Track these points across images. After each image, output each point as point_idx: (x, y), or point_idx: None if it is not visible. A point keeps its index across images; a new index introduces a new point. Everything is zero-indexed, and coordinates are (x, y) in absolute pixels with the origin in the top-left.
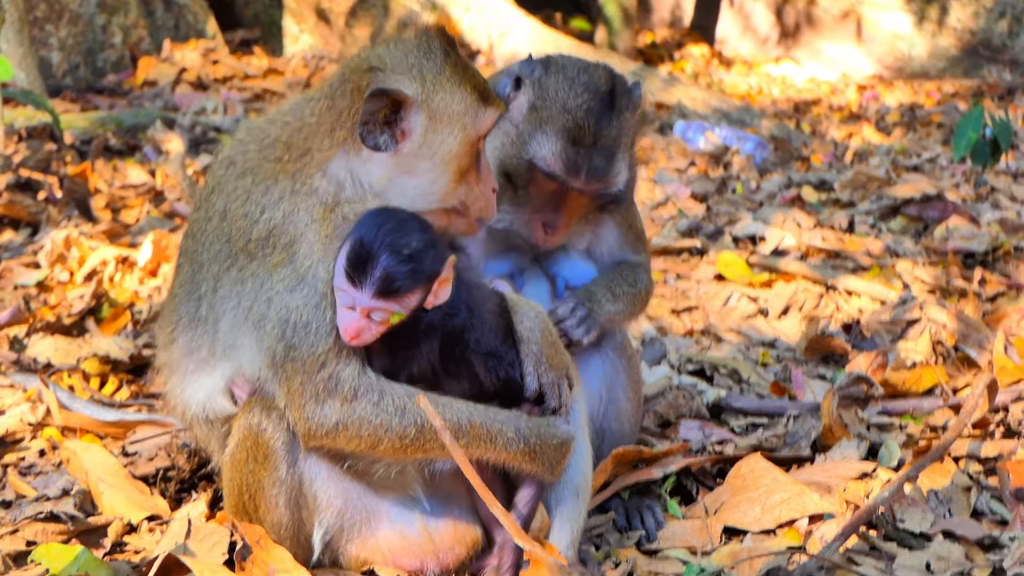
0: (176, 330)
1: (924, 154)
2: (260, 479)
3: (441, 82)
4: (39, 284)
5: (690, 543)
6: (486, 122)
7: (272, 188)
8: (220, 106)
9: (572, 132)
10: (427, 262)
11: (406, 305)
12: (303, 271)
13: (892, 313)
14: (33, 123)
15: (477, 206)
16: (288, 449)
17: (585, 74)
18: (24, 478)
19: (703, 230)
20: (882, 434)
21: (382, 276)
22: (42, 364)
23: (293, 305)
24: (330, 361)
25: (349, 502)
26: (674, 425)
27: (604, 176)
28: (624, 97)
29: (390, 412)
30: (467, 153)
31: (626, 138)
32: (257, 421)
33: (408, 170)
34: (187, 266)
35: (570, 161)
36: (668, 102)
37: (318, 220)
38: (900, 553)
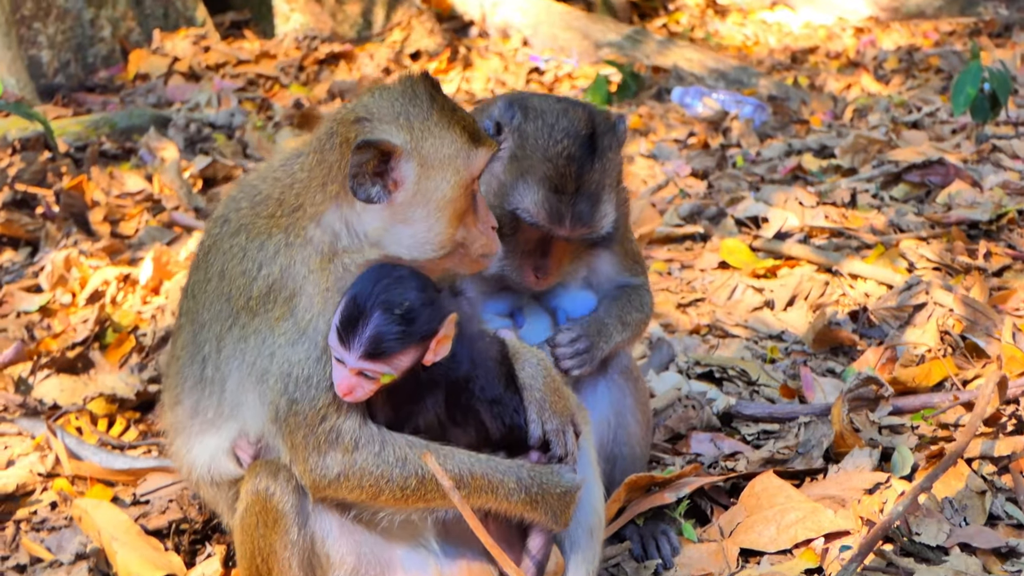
0: (181, 392)
1: (924, 108)
2: (272, 543)
3: (429, 128)
4: (41, 309)
5: (707, 569)
6: (478, 163)
7: (267, 243)
8: (214, 98)
9: (554, 180)
10: (420, 323)
11: (396, 366)
12: (304, 324)
13: (898, 298)
14: (27, 133)
15: (478, 245)
16: (297, 511)
17: (564, 119)
18: (38, 534)
19: (705, 213)
20: (894, 437)
21: (370, 337)
22: (48, 406)
23: (295, 359)
24: (331, 414)
25: (362, 557)
26: (685, 438)
27: (589, 222)
28: (606, 137)
29: (391, 463)
30: (462, 196)
31: (610, 178)
32: (265, 486)
33: (403, 219)
34: (188, 327)
35: (553, 210)
36: (664, 65)
37: (316, 271)
38: (918, 569)
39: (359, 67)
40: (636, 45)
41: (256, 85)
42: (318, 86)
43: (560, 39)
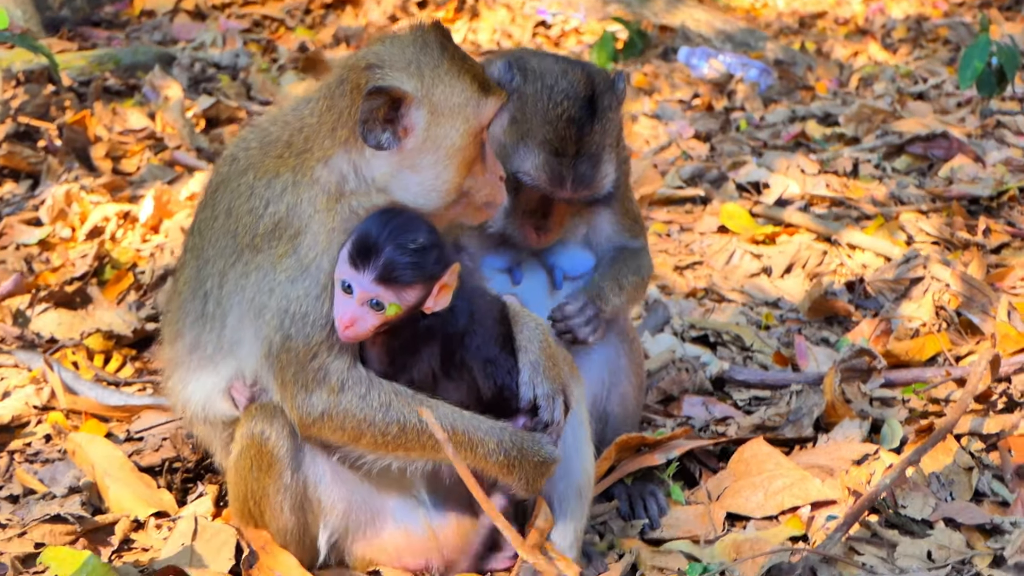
0: (182, 327)
1: (930, 79)
2: (265, 486)
3: (440, 76)
4: (41, 242)
5: (693, 531)
6: (488, 112)
7: (274, 182)
8: (219, 38)
9: (554, 144)
10: (430, 260)
11: (404, 299)
12: (307, 262)
13: (896, 271)
14: (31, 66)
15: (483, 193)
16: (292, 455)
17: (564, 80)
18: (31, 466)
19: (706, 176)
20: (884, 410)
21: (385, 263)
22: (45, 339)
23: (294, 295)
24: (322, 352)
25: (353, 504)
26: (677, 401)
27: (590, 183)
28: (605, 97)
29: (374, 407)
30: (471, 145)
31: (611, 137)
32: (260, 429)
33: (412, 166)
34: (192, 262)
35: (554, 173)
36: (672, 24)
37: (322, 211)
38: (901, 541)
39: (365, 13)
40: (644, 3)
41: (261, 27)
42: (324, 30)
43: None
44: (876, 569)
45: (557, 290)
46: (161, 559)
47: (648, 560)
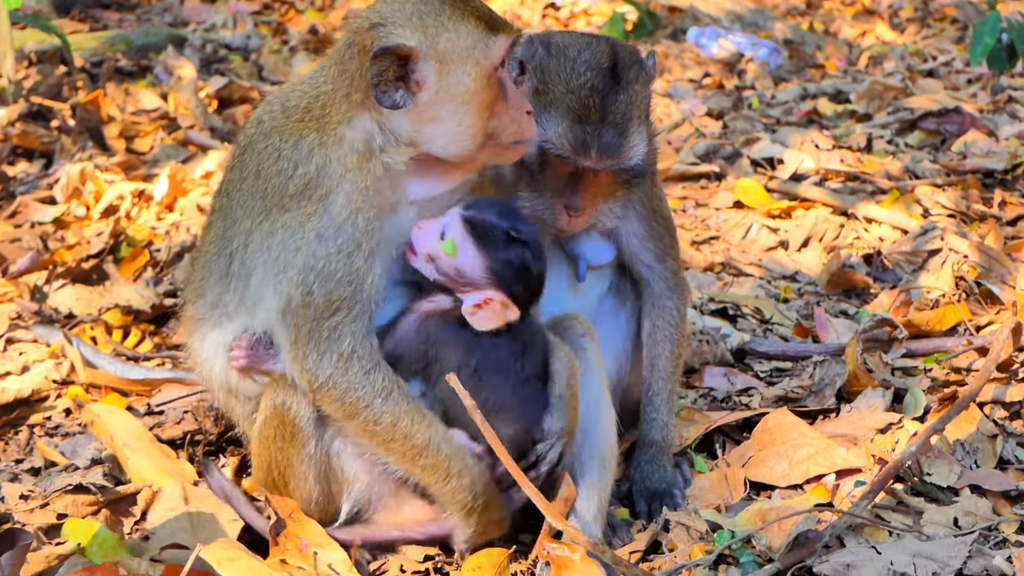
0: (205, 285)
1: (940, 57)
2: (289, 456)
3: (443, 23)
4: (56, 220)
5: (718, 500)
6: (498, 49)
7: (301, 143)
8: (230, 20)
9: (577, 111)
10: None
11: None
12: (339, 221)
13: (913, 243)
14: (43, 46)
15: (510, 131)
16: (315, 425)
17: (587, 51)
18: (51, 440)
19: (720, 152)
20: (907, 379)
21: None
22: (63, 315)
23: (322, 253)
24: (342, 310)
25: (376, 475)
26: (699, 373)
27: (617, 152)
28: (631, 70)
29: (376, 389)
30: (487, 86)
31: (638, 110)
32: (283, 400)
33: (432, 118)
34: (220, 222)
35: (578, 140)
36: (681, 5)
37: (353, 169)
38: (928, 508)
39: None
40: None
41: (271, 9)
42: (333, 12)
43: None
44: (903, 536)
45: (580, 282)
46: (156, 526)
47: (675, 519)
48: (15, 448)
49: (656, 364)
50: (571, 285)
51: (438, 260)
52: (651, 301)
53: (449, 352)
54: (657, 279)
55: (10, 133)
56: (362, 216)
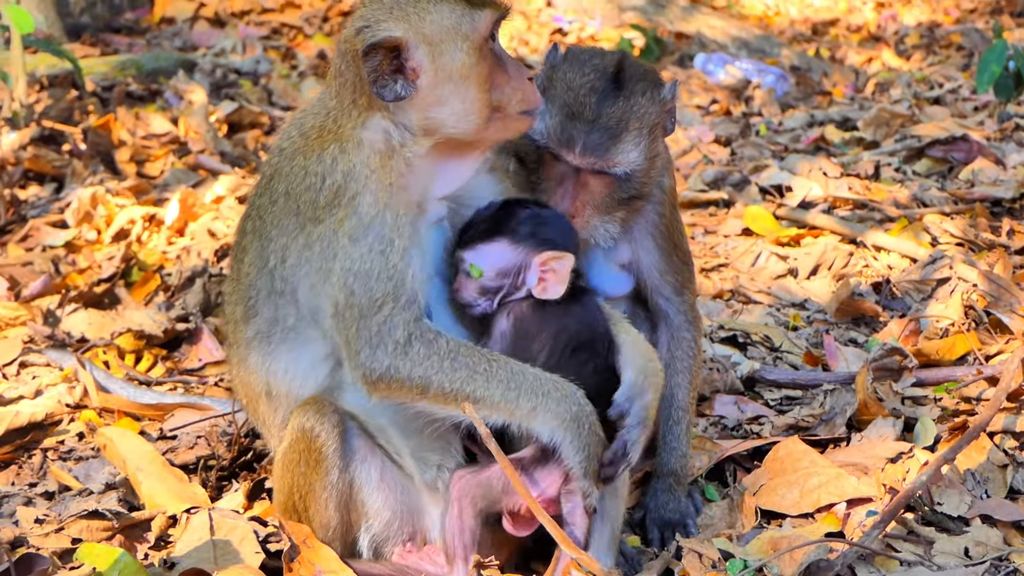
0: (256, 302)
1: (946, 84)
2: (311, 481)
3: (423, 8)
4: (67, 244)
5: (729, 528)
6: (484, 22)
7: (323, 156)
8: (239, 44)
9: (571, 107)
10: (514, 224)
11: (484, 258)
12: (368, 220)
13: (922, 272)
14: (55, 70)
15: (515, 101)
16: (340, 454)
17: (597, 58)
18: (65, 464)
19: (729, 179)
20: (917, 408)
21: (468, 224)
22: (76, 339)
23: (356, 254)
24: (387, 304)
25: (397, 513)
26: (709, 400)
27: (602, 153)
28: (638, 82)
29: (442, 354)
30: (480, 58)
31: (639, 122)
32: (311, 425)
33: (437, 100)
34: (256, 243)
35: (565, 134)
36: (688, 31)
37: (377, 170)
38: (938, 538)
39: None
40: (660, 10)
41: (280, 34)
42: None
43: (584, 1)
44: (914, 566)
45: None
46: (180, 555)
47: (687, 546)
48: (29, 472)
49: (676, 395)
50: None
51: (485, 285)
52: (670, 332)
53: (541, 341)
54: (676, 312)
55: (22, 157)
56: (390, 212)
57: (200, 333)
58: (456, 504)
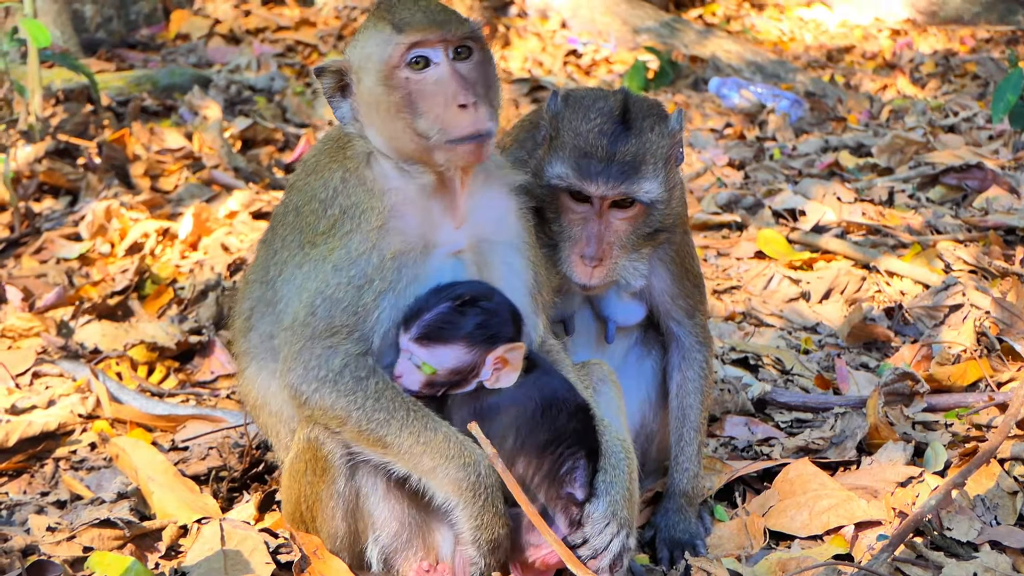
0: (252, 317)
1: (961, 113)
2: (318, 491)
3: (363, 34)
4: (81, 257)
5: (737, 549)
6: (392, 49)
7: (329, 182)
8: (254, 61)
9: (584, 149)
10: (471, 324)
11: (437, 358)
12: (355, 256)
13: (934, 298)
14: (71, 85)
15: (437, 128)
16: (346, 463)
17: (601, 101)
18: (76, 473)
19: (742, 203)
20: (928, 433)
21: (422, 322)
22: (89, 350)
23: (334, 282)
24: (339, 333)
25: (405, 525)
26: (719, 421)
27: (625, 180)
28: (645, 119)
29: (368, 392)
30: (388, 87)
31: (653, 157)
32: (316, 435)
33: (370, 123)
34: (263, 252)
35: (584, 169)
36: (702, 55)
37: (368, 211)
38: (947, 563)
39: None
40: (674, 33)
41: (294, 51)
42: None
43: (598, 23)
44: None
45: (608, 343)
46: (190, 564)
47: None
48: (41, 481)
49: (687, 416)
50: (599, 345)
51: (435, 380)
52: (681, 354)
53: (509, 417)
54: (687, 334)
55: (37, 170)
56: (377, 254)
57: (212, 346)
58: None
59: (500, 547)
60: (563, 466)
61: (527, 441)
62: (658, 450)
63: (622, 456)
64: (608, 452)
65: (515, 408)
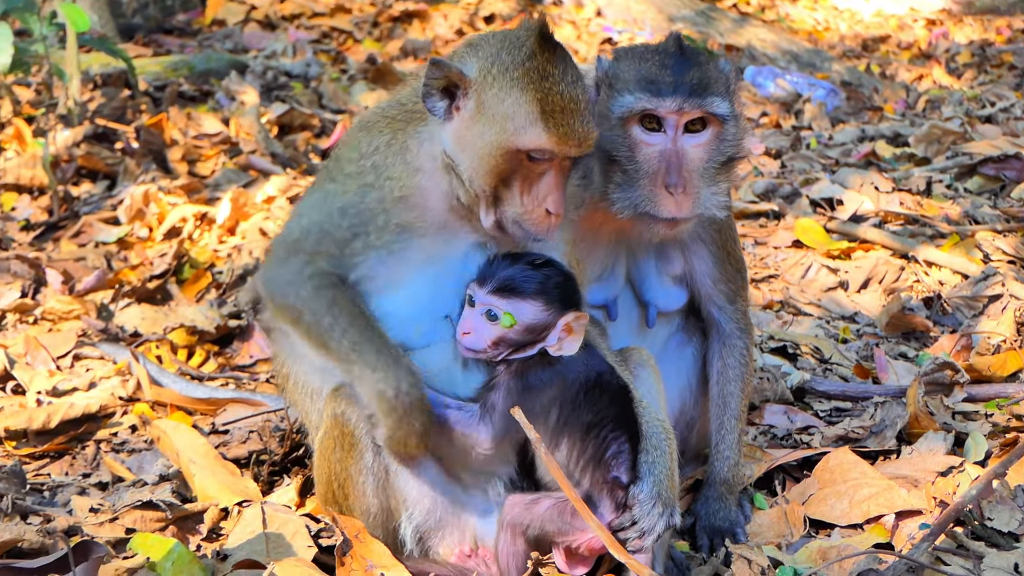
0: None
1: (998, 103)
2: (347, 466)
3: (503, 78)
4: (119, 241)
5: (777, 537)
6: (529, 139)
7: (374, 140)
8: (290, 48)
9: (650, 77)
10: (552, 284)
11: (519, 311)
12: (364, 209)
13: (973, 288)
14: (108, 69)
15: (517, 211)
16: (369, 434)
17: (653, 45)
18: (118, 455)
19: (779, 192)
20: (968, 423)
21: (505, 274)
22: (129, 333)
23: (336, 221)
24: (320, 256)
25: (438, 503)
26: (758, 410)
27: (701, 92)
28: (700, 55)
29: (322, 299)
30: (504, 159)
31: (716, 80)
32: (342, 410)
33: (459, 145)
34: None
35: (656, 90)
36: (738, 44)
37: (395, 180)
38: (988, 553)
39: (432, 27)
40: (710, 22)
41: (330, 38)
42: (391, 43)
43: (634, 11)
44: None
45: (648, 327)
46: (232, 547)
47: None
48: (82, 462)
49: (728, 403)
50: (640, 330)
51: (507, 336)
52: (722, 341)
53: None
54: (728, 320)
55: (75, 154)
56: (384, 217)
57: (252, 330)
58: (509, 530)
59: (412, 458)
60: (608, 449)
61: (570, 420)
62: (698, 437)
63: (663, 437)
64: (649, 433)
65: (561, 384)
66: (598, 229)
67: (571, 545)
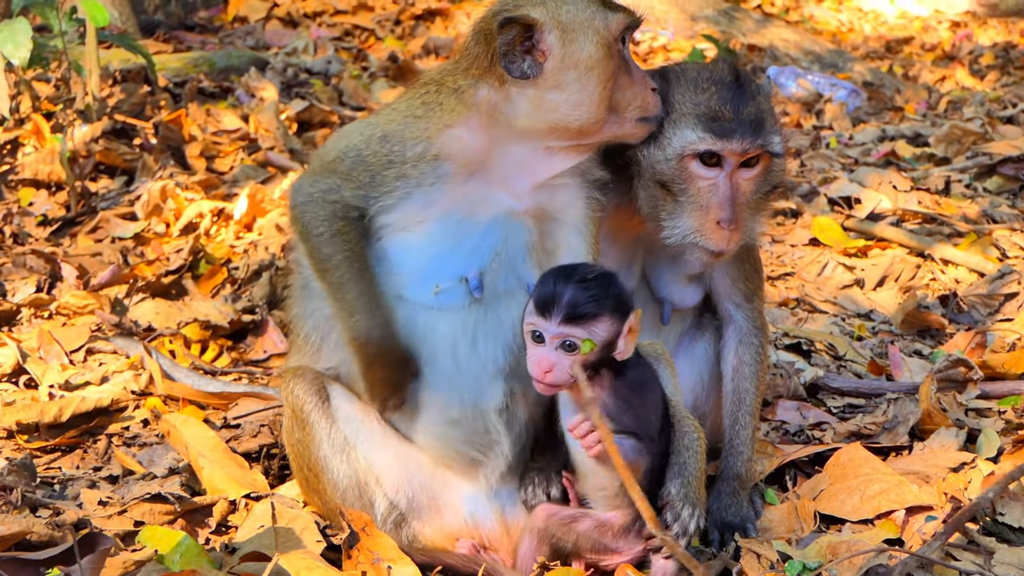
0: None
1: (1020, 104)
2: (307, 445)
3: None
4: (136, 236)
5: (788, 532)
6: (616, 23)
7: (428, 84)
8: (311, 45)
9: (710, 114)
10: (611, 292)
11: (594, 333)
12: (407, 137)
13: (989, 287)
14: (128, 65)
15: (634, 106)
16: (321, 411)
17: (707, 71)
18: (129, 449)
19: (797, 190)
20: (980, 420)
21: (569, 301)
22: (143, 327)
23: (374, 148)
24: (350, 181)
25: (415, 479)
26: (771, 406)
27: (760, 131)
28: (752, 83)
29: (331, 229)
30: (607, 55)
31: (769, 112)
32: (291, 388)
33: (556, 85)
34: None
35: (718, 130)
36: (760, 44)
37: (446, 114)
38: (999, 549)
39: (455, 25)
40: (732, 22)
41: (352, 36)
42: (413, 41)
43: (656, 10)
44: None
45: (664, 324)
46: (241, 540)
47: (747, 546)
48: (93, 456)
49: (743, 400)
50: (654, 327)
51: (587, 361)
52: (738, 338)
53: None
54: (744, 318)
55: (93, 149)
56: (425, 146)
57: (266, 325)
58: (538, 537)
59: (386, 402)
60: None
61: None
62: (709, 432)
63: (695, 437)
64: (681, 432)
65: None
66: (617, 230)
67: (599, 563)
